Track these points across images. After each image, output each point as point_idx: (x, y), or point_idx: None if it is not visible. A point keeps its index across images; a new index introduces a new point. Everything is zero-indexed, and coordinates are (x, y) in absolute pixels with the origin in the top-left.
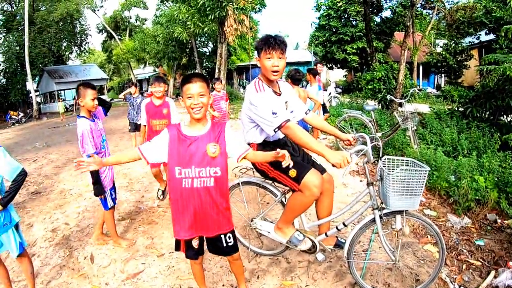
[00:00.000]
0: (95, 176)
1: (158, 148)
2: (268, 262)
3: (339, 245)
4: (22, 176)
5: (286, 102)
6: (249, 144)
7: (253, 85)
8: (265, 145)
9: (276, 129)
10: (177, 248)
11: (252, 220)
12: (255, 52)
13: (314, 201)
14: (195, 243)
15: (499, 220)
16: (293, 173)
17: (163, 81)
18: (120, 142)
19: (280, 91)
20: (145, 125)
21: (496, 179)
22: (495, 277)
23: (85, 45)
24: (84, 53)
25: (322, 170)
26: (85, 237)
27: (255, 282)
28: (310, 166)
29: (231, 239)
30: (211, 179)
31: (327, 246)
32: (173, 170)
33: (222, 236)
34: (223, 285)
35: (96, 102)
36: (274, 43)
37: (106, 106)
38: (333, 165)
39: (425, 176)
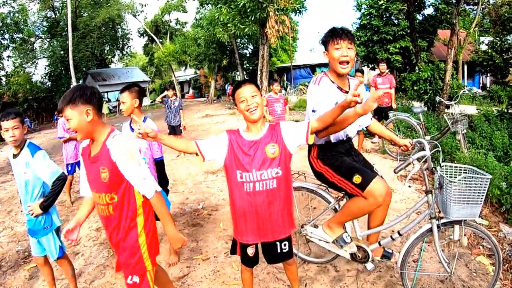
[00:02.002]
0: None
1: (215, 148)
2: (316, 270)
3: (386, 256)
4: (61, 181)
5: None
6: (311, 146)
7: (314, 78)
8: (327, 148)
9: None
10: (233, 251)
11: (302, 227)
12: (292, 53)
13: (375, 208)
14: (250, 252)
15: None
16: (358, 179)
17: None
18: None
19: (349, 88)
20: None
21: None
22: None
23: (127, 48)
24: (126, 56)
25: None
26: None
27: None
28: (375, 173)
29: (286, 246)
30: (273, 181)
31: (375, 257)
32: (234, 174)
33: (278, 243)
34: None
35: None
36: (341, 32)
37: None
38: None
39: (486, 185)
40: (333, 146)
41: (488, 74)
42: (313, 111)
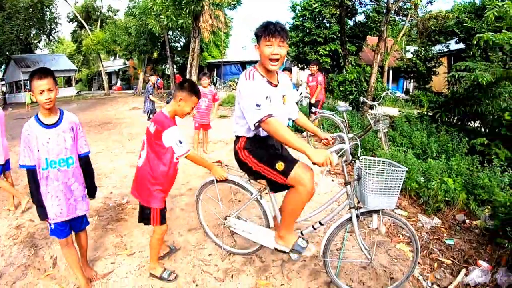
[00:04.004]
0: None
1: None
2: (242, 261)
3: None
4: None
5: (284, 96)
6: (238, 137)
7: (245, 73)
8: (256, 141)
9: (256, 124)
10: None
11: (225, 218)
12: (234, 44)
13: (310, 196)
14: None
15: (467, 221)
16: (280, 166)
17: None
18: (87, 136)
19: (277, 82)
20: None
21: (464, 181)
22: (466, 275)
23: (54, 33)
24: (53, 42)
25: None
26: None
27: (229, 282)
28: (297, 160)
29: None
30: None
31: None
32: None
33: None
34: None
35: (46, 96)
36: (274, 30)
37: None
38: (315, 164)
39: (402, 176)
40: (262, 139)
41: (412, 80)
42: (257, 105)
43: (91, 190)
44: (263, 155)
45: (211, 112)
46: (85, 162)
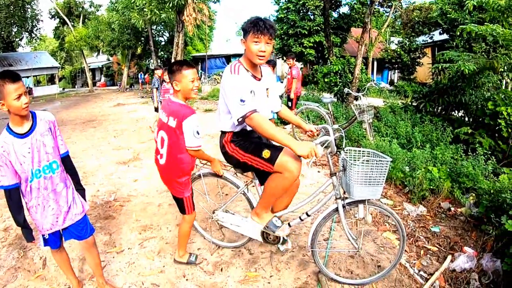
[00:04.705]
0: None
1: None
2: (231, 254)
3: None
4: None
5: (267, 89)
6: (224, 132)
7: (229, 67)
8: (242, 134)
9: (240, 119)
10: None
11: (213, 212)
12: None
13: (293, 182)
14: None
15: (452, 208)
16: (266, 153)
17: None
18: (72, 134)
19: (261, 75)
20: None
21: (448, 170)
22: (451, 261)
23: (36, 31)
24: (35, 39)
25: None
26: (40, 235)
27: (219, 275)
28: (283, 147)
29: None
30: None
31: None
32: None
33: None
34: None
35: (24, 100)
36: (263, 27)
37: None
38: (300, 156)
39: (387, 167)
40: (248, 132)
41: (396, 71)
42: (242, 100)
43: (79, 192)
44: (249, 145)
45: None
46: (67, 163)
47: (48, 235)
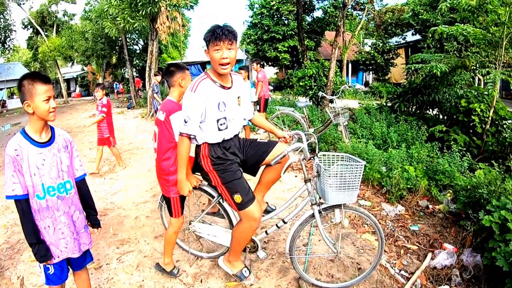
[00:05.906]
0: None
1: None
2: (210, 264)
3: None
4: None
5: (239, 98)
6: (198, 145)
7: (193, 82)
8: (217, 145)
9: (179, 134)
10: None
11: (190, 223)
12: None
13: (255, 230)
14: None
15: (430, 206)
16: (238, 198)
17: None
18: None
19: (231, 84)
20: None
21: (425, 168)
22: (432, 258)
23: (9, 41)
24: (9, 50)
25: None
26: (16, 254)
27: (199, 286)
28: (254, 196)
29: None
30: None
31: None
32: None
33: None
34: None
35: (53, 104)
36: (221, 33)
37: None
38: (177, 190)
39: (361, 170)
40: (222, 142)
41: (371, 72)
42: (185, 121)
43: (93, 220)
44: (227, 177)
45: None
46: (82, 187)
47: (54, 268)
